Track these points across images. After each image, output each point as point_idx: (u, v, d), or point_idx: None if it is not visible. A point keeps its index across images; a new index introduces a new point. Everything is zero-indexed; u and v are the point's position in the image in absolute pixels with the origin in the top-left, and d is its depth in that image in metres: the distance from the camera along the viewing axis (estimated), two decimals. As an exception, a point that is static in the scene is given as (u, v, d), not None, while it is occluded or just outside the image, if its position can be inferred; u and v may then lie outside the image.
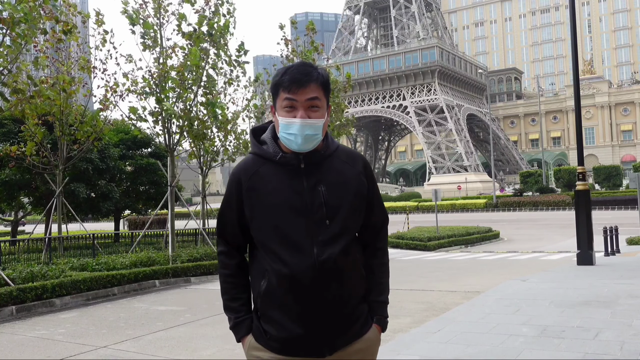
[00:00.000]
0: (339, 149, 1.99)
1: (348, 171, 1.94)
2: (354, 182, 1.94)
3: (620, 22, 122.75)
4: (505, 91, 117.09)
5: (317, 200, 1.86)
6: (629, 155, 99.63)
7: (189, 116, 13.64)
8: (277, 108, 1.91)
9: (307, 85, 1.86)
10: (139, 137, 21.83)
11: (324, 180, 1.89)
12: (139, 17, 13.13)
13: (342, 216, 1.88)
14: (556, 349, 4.91)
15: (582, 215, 11.51)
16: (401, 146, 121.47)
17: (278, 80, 1.90)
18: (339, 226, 1.87)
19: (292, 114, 1.86)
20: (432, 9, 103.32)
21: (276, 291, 1.86)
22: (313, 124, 1.86)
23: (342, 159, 1.96)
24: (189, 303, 9.44)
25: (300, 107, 1.86)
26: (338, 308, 1.88)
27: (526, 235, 27.22)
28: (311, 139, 1.87)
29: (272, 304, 1.88)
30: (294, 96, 1.86)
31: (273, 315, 1.88)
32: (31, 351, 6.33)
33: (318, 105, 1.88)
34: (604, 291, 7.89)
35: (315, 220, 1.85)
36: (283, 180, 1.88)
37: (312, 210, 1.85)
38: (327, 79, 1.93)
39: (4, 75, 10.13)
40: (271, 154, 1.92)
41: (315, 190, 1.87)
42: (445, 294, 9.38)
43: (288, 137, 1.87)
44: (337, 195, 1.89)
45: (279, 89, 1.90)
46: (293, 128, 1.85)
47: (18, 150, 13.97)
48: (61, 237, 15.66)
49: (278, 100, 1.91)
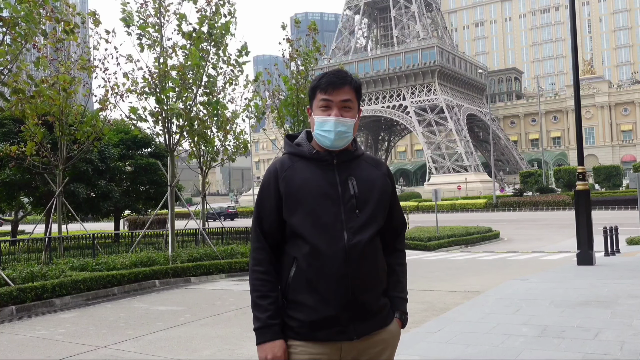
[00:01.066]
0: (365, 154, 2.19)
1: (374, 172, 2.12)
2: (380, 181, 2.10)
3: (620, 22, 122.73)
4: (505, 91, 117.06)
5: (348, 192, 2.01)
6: (629, 155, 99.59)
7: (189, 116, 13.64)
8: (314, 108, 2.10)
9: (342, 87, 2.05)
10: (139, 137, 21.83)
11: (354, 175, 2.06)
12: (133, 18, 13.12)
13: (371, 208, 2.03)
14: (556, 349, 4.91)
15: (582, 215, 11.51)
16: (401, 146, 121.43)
17: (316, 83, 2.09)
18: (367, 216, 2.01)
19: (327, 112, 2.04)
20: (432, 9, 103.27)
21: (306, 273, 1.95)
22: (345, 122, 2.04)
23: (369, 162, 2.15)
24: (189, 303, 9.44)
25: (334, 107, 2.04)
26: (366, 291, 1.99)
27: (526, 235, 27.21)
28: (343, 135, 2.03)
29: (300, 289, 1.96)
30: (330, 97, 2.04)
31: (302, 299, 1.96)
32: (31, 351, 6.33)
33: (351, 106, 2.07)
34: (604, 291, 7.88)
35: (347, 209, 1.99)
36: (317, 172, 2.04)
37: (343, 199, 2.00)
38: (359, 84, 2.12)
39: (4, 75, 10.12)
40: (305, 151, 2.09)
41: (347, 183, 2.03)
42: (445, 293, 9.38)
43: (322, 134, 2.04)
44: (365, 189, 2.05)
45: (316, 91, 2.08)
46: (327, 125, 2.02)
47: (18, 150, 13.96)
48: (61, 237, 15.65)
49: (315, 101, 2.09)
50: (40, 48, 12.96)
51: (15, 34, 9.94)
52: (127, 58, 13.87)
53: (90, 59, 14.95)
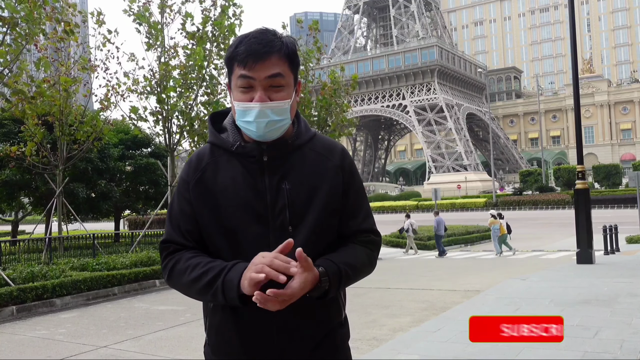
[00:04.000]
0: (315, 138, 1.61)
1: (322, 165, 1.56)
2: (329, 178, 1.55)
3: (620, 21, 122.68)
4: (505, 90, 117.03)
5: (281, 202, 1.49)
6: (628, 154, 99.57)
7: (190, 116, 13.66)
8: (232, 88, 1.53)
9: (267, 58, 1.47)
10: (139, 137, 21.83)
11: (290, 176, 1.52)
12: (145, 17, 13.12)
13: (310, 223, 1.50)
14: (556, 347, 4.91)
15: (582, 214, 11.53)
16: (401, 145, 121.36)
17: (232, 52, 1.51)
18: (305, 236, 1.48)
19: (248, 95, 1.48)
20: (431, 8, 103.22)
21: (224, 317, 1.53)
22: (276, 107, 1.48)
23: (317, 151, 1.58)
24: (189, 303, 9.43)
25: (258, 87, 1.47)
26: (296, 347, 1.51)
27: (526, 234, 27.20)
28: (274, 126, 1.50)
29: (221, 329, 1.55)
30: (251, 73, 1.47)
31: (222, 349, 1.56)
32: (32, 351, 6.34)
33: (282, 83, 1.50)
34: (603, 290, 7.90)
35: (276, 226, 1.47)
36: (241, 175, 1.52)
37: (273, 213, 1.49)
38: (293, 48, 1.53)
39: (4, 75, 10.12)
40: (229, 143, 1.56)
41: (279, 189, 1.50)
42: (445, 293, 9.39)
43: (245, 126, 1.51)
44: (305, 195, 1.51)
45: (233, 64, 1.51)
46: (250, 114, 1.48)
47: (18, 151, 13.96)
48: (61, 237, 15.66)
49: (233, 77, 1.52)
50: (41, 48, 12.96)
51: (15, 34, 9.94)
52: (129, 57, 13.87)
53: (91, 58, 14.96)
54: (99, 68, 14.68)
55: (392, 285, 10.39)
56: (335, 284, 1.46)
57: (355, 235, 1.61)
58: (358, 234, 1.61)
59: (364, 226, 1.62)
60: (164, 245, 1.56)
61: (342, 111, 17.28)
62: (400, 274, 12.13)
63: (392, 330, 6.42)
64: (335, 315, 1.60)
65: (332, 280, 1.44)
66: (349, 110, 18.11)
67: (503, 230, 18.24)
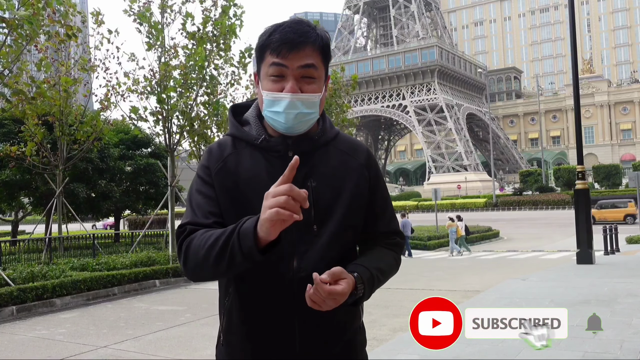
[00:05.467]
0: (339, 136, 1.58)
1: (348, 163, 1.53)
2: (355, 177, 1.52)
3: (620, 21, 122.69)
4: (505, 90, 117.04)
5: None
6: (628, 154, 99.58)
7: (190, 116, 13.66)
8: (262, 77, 1.49)
9: (302, 48, 1.43)
10: (139, 137, 21.83)
11: (315, 173, 1.48)
12: (147, 16, 13.12)
13: (337, 221, 1.47)
14: (556, 347, 4.91)
15: (582, 214, 11.54)
16: (401, 145, 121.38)
17: (265, 40, 1.46)
18: (330, 234, 1.46)
19: (279, 84, 1.44)
20: (431, 9, 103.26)
21: (239, 315, 1.49)
22: (307, 100, 1.44)
23: (341, 149, 1.55)
24: (189, 303, 9.45)
25: (290, 77, 1.43)
26: (319, 349, 1.48)
27: (526, 234, 27.23)
28: (303, 118, 1.45)
29: (235, 331, 1.51)
30: (284, 61, 1.42)
31: (238, 347, 1.52)
32: (31, 351, 6.34)
33: (314, 75, 1.46)
34: (603, 290, 7.90)
35: (300, 225, 1.32)
36: (264, 170, 1.47)
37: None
38: (327, 42, 1.49)
39: (5, 75, 10.12)
40: (252, 136, 1.52)
41: (304, 186, 1.41)
42: (445, 293, 9.39)
43: (273, 116, 1.46)
44: (330, 194, 1.48)
45: (265, 52, 1.46)
46: (280, 104, 1.43)
47: (18, 151, 13.97)
48: (61, 237, 15.66)
49: (263, 66, 1.48)
50: (42, 49, 12.97)
51: (17, 35, 9.94)
52: (129, 57, 13.86)
53: (90, 58, 14.96)
54: (98, 68, 14.69)
55: (392, 285, 10.35)
56: (368, 290, 1.45)
57: (381, 237, 1.60)
58: (384, 236, 1.61)
59: (391, 228, 1.62)
60: (179, 230, 1.46)
61: (342, 111, 17.30)
62: (400, 274, 12.09)
63: (392, 330, 6.42)
64: (356, 320, 1.58)
65: (366, 286, 1.43)
66: (349, 110, 18.11)
67: (460, 232, 19.60)
